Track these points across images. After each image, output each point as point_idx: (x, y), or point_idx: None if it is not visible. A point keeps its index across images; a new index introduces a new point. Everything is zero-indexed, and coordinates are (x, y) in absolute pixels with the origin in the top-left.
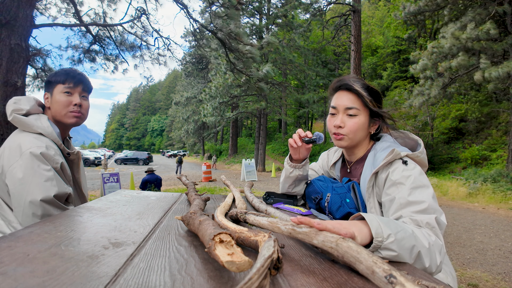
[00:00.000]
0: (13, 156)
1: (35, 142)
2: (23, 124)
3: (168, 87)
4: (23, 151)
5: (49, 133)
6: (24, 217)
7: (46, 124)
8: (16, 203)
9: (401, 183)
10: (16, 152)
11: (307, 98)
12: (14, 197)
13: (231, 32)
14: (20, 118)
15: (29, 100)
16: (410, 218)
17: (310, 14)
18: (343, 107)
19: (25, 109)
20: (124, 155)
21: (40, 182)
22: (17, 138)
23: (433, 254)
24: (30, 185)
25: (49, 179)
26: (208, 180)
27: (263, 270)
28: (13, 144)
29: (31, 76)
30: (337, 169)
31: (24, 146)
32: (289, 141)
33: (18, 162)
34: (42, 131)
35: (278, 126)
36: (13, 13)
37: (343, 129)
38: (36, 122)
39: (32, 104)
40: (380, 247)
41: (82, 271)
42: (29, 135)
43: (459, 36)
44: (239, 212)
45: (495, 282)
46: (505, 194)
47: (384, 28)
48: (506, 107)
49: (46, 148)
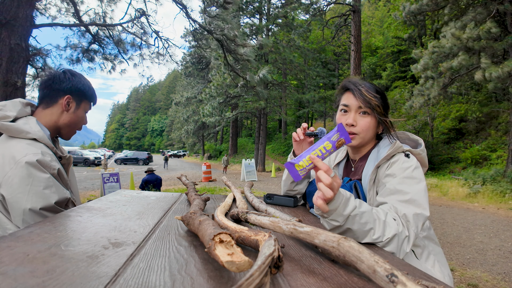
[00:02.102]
0: (7, 165)
1: (30, 149)
2: (12, 131)
3: (168, 87)
4: (18, 159)
5: (41, 137)
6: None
7: (36, 128)
8: (15, 212)
9: (396, 174)
10: (10, 160)
11: (307, 98)
12: (12, 207)
13: (224, 34)
14: (8, 125)
15: (14, 105)
16: (393, 205)
17: (310, 14)
18: (356, 106)
19: (12, 116)
20: (124, 155)
21: (39, 190)
22: (8, 146)
23: (400, 243)
24: (29, 193)
25: (48, 186)
26: (208, 180)
27: (264, 268)
28: (5, 152)
29: (31, 75)
30: (340, 169)
31: (18, 154)
32: (292, 135)
33: (14, 171)
34: (35, 137)
35: (278, 126)
36: (13, 13)
37: (355, 128)
38: (25, 127)
39: (19, 108)
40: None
41: (82, 271)
42: (21, 141)
43: (460, 36)
44: (240, 212)
45: (495, 282)
46: (505, 194)
47: (384, 28)
48: (506, 107)
49: (42, 154)
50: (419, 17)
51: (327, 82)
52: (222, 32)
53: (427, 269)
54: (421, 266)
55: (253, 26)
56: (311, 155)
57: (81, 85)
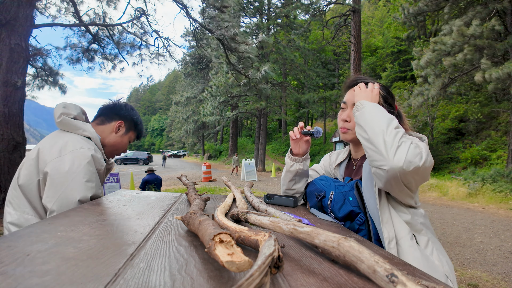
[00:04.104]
0: (61, 150)
1: (85, 143)
2: (71, 127)
3: (168, 87)
4: (73, 148)
5: (95, 138)
6: (56, 206)
7: (92, 130)
8: (52, 191)
9: None
10: (64, 147)
11: (307, 98)
12: (51, 185)
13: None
14: (70, 120)
15: (76, 107)
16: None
17: (310, 14)
18: (351, 102)
19: (73, 114)
20: (124, 155)
21: (83, 181)
22: (64, 136)
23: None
24: (73, 180)
25: (91, 180)
26: (208, 180)
27: (264, 267)
28: (60, 140)
29: (31, 75)
30: (341, 169)
31: (73, 145)
32: (289, 133)
33: (67, 156)
34: (90, 135)
35: (278, 126)
36: (13, 13)
37: (348, 124)
38: (83, 126)
39: (79, 111)
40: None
41: (82, 271)
42: (76, 136)
43: (464, 32)
44: (240, 212)
45: (495, 282)
46: (505, 194)
47: (384, 28)
48: (506, 107)
49: (95, 150)
50: (419, 18)
51: (326, 82)
52: (222, 31)
53: (426, 255)
54: (421, 253)
55: (254, 26)
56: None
57: (135, 118)
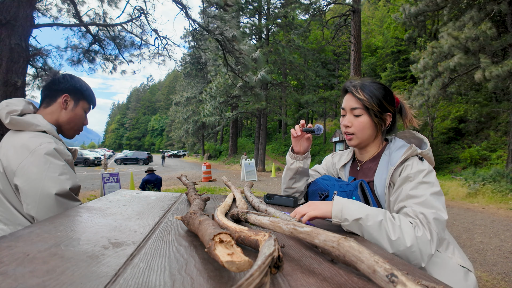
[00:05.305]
0: (21, 154)
1: (43, 139)
2: (22, 125)
3: (168, 87)
4: (33, 148)
5: (50, 129)
6: (39, 212)
7: (45, 122)
8: (30, 199)
9: (412, 177)
10: (23, 150)
11: (306, 99)
12: (27, 195)
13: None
14: (18, 118)
15: (19, 101)
16: (411, 208)
17: (310, 14)
18: (349, 107)
19: (19, 110)
20: (124, 155)
21: (55, 176)
22: (18, 138)
23: (417, 251)
24: (45, 179)
25: (63, 173)
26: (208, 180)
27: (264, 267)
28: (16, 143)
29: (31, 75)
30: (346, 170)
31: (32, 144)
32: (291, 131)
33: (29, 159)
34: (44, 129)
35: (278, 126)
36: (13, 13)
37: (350, 129)
38: (34, 121)
39: (24, 104)
40: (340, 225)
41: (82, 271)
42: (30, 133)
43: (458, 36)
44: (240, 212)
45: (495, 282)
46: (505, 194)
47: (384, 28)
48: (506, 107)
49: (55, 142)
50: (420, 18)
51: (326, 82)
52: (221, 32)
53: (448, 257)
54: (442, 256)
55: (253, 26)
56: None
57: (78, 85)
